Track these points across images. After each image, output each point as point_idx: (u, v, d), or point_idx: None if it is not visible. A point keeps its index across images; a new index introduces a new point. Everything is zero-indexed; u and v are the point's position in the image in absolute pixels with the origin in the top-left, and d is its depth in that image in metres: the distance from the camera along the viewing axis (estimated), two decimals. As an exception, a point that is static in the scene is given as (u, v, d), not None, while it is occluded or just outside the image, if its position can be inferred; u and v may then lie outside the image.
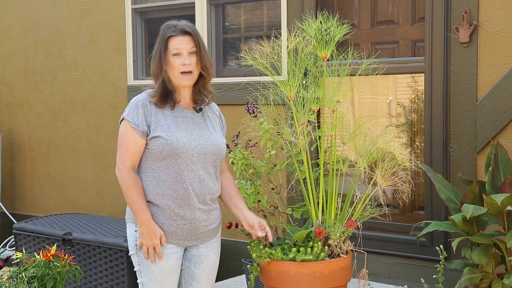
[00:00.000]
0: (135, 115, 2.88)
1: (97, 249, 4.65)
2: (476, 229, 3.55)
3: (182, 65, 2.87)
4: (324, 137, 3.44)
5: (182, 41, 2.89)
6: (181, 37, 2.89)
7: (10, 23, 6.41)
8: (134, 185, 2.86)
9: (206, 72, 2.94)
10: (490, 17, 3.90)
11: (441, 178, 3.74)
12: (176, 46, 2.88)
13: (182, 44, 2.88)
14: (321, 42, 3.35)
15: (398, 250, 4.28)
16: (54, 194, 6.23)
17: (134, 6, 5.57)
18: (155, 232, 2.86)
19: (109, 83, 5.74)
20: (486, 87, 3.93)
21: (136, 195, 2.86)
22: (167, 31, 2.92)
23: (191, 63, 2.88)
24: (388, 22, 4.49)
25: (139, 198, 2.86)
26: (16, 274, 3.45)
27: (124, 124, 2.90)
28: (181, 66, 2.88)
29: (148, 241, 2.86)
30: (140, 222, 2.86)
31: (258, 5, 5.10)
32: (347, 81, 3.64)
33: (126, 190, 2.87)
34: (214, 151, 2.94)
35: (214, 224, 3.01)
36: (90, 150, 5.93)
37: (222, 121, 3.11)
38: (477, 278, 3.44)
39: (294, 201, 4.09)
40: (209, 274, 3.04)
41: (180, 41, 2.88)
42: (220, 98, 4.75)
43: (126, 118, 2.89)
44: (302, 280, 3.18)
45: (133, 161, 2.89)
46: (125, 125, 2.90)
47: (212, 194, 2.95)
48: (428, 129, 4.12)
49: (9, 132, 6.52)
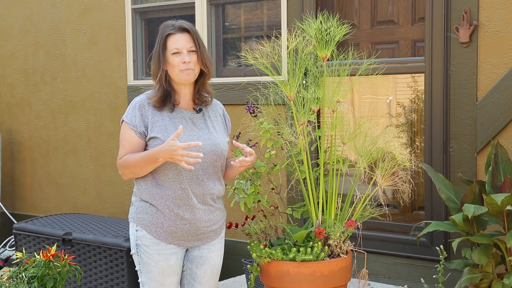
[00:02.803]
0: (133, 116, 2.89)
1: (97, 249, 4.65)
2: (476, 229, 3.55)
3: (182, 63, 2.87)
4: (324, 137, 3.44)
5: (181, 39, 2.88)
6: (179, 35, 2.89)
7: (10, 23, 6.41)
8: (129, 158, 2.87)
9: (206, 69, 2.93)
10: (490, 17, 3.90)
11: (441, 178, 3.74)
12: (175, 44, 2.88)
13: (181, 42, 2.88)
14: (321, 42, 3.35)
15: (398, 250, 4.28)
16: (54, 194, 6.23)
17: (134, 6, 5.57)
18: (165, 148, 2.75)
19: (109, 83, 5.74)
20: (486, 87, 3.93)
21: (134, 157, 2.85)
22: (165, 29, 2.92)
23: (190, 60, 2.87)
24: (388, 22, 4.49)
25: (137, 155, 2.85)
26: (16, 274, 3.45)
27: (123, 125, 2.93)
28: (180, 64, 2.87)
29: (170, 154, 2.75)
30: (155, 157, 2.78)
31: (258, 5, 5.10)
32: (347, 81, 3.64)
33: (127, 165, 2.88)
34: (214, 151, 2.93)
35: (217, 225, 3.00)
36: (90, 150, 5.93)
37: (225, 120, 3.11)
38: (477, 278, 3.44)
39: (294, 201, 4.09)
40: (211, 275, 3.04)
41: (179, 39, 2.88)
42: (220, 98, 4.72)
43: (125, 120, 2.92)
44: (302, 280, 3.18)
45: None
46: (124, 126, 2.93)
47: (212, 194, 2.94)
48: (428, 129, 4.12)
49: (9, 132, 6.52)
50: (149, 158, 2.81)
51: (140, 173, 2.88)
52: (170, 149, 2.73)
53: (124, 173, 2.93)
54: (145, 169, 2.86)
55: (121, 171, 2.93)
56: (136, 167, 2.86)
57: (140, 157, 2.84)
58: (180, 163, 2.73)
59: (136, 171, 2.88)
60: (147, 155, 2.82)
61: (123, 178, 2.97)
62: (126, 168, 2.89)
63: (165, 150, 2.75)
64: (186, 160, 2.72)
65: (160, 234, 2.89)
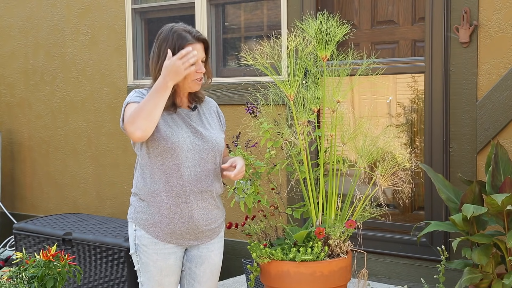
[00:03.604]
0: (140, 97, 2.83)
1: (97, 249, 4.65)
2: (476, 229, 3.55)
3: (197, 73, 2.87)
4: (324, 137, 3.44)
5: (198, 50, 2.86)
6: (197, 45, 2.87)
7: (10, 23, 6.41)
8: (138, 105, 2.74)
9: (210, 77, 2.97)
10: (490, 17, 3.90)
11: (441, 178, 3.74)
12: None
13: (199, 52, 2.86)
14: (321, 42, 3.35)
15: (398, 250, 4.28)
16: (54, 194, 6.23)
17: (134, 6, 5.57)
18: (166, 69, 2.70)
19: (109, 83, 5.74)
20: (486, 87, 3.93)
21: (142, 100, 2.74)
22: (183, 38, 2.85)
23: (204, 70, 2.90)
24: (388, 22, 4.49)
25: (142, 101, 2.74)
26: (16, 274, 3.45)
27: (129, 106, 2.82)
28: (195, 74, 2.87)
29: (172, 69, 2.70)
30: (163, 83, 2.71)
31: (258, 5, 5.10)
32: (347, 81, 3.64)
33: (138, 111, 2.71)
34: (211, 147, 2.93)
35: (215, 224, 3.00)
36: (90, 150, 5.93)
37: (219, 116, 3.10)
38: (477, 278, 3.44)
39: (294, 201, 4.09)
40: (210, 275, 3.03)
41: (197, 50, 2.85)
42: (220, 98, 4.75)
43: (130, 101, 2.83)
44: (302, 280, 3.19)
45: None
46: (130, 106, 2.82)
47: (210, 191, 2.94)
48: (428, 129, 4.12)
49: (9, 132, 6.52)
50: (158, 88, 2.70)
51: (154, 114, 2.70)
52: (170, 64, 2.69)
53: (137, 126, 2.69)
54: (159, 104, 2.70)
55: (133, 126, 2.70)
56: (148, 106, 2.70)
57: (149, 94, 2.72)
58: (187, 71, 2.71)
59: (150, 111, 2.69)
60: (154, 87, 2.72)
61: (135, 135, 2.71)
62: (137, 116, 2.70)
63: (166, 70, 2.70)
64: (188, 63, 2.70)
65: (158, 234, 2.89)
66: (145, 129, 2.71)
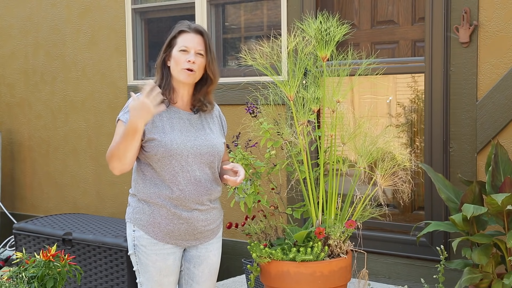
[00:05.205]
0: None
1: (97, 249, 4.65)
2: (476, 229, 3.55)
3: (187, 62, 2.85)
4: (324, 137, 3.44)
5: (192, 39, 2.87)
6: (192, 34, 2.88)
7: (10, 23, 6.41)
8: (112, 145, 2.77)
9: (213, 75, 2.91)
10: (490, 17, 3.90)
11: (441, 178, 3.74)
12: (185, 42, 2.87)
13: (192, 42, 2.87)
14: (321, 42, 3.35)
15: (398, 250, 4.28)
16: (54, 194, 6.23)
17: (134, 6, 5.57)
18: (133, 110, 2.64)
19: (109, 83, 5.74)
20: (486, 87, 3.93)
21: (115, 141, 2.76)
22: (180, 26, 2.92)
23: (195, 62, 2.86)
24: (388, 22, 4.49)
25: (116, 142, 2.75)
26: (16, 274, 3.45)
27: (119, 124, 2.87)
28: (185, 63, 2.85)
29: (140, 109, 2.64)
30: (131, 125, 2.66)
31: (258, 5, 5.10)
32: (347, 81, 3.64)
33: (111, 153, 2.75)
34: (211, 152, 2.92)
35: (213, 224, 3.00)
36: (90, 150, 5.93)
37: (221, 121, 3.09)
38: (477, 278, 3.44)
39: (294, 201, 4.09)
40: (209, 275, 3.03)
41: (190, 39, 2.87)
42: (220, 98, 4.75)
43: (121, 118, 2.87)
44: (302, 280, 3.19)
45: None
46: (120, 125, 2.86)
47: (209, 195, 2.94)
48: (428, 129, 4.12)
49: (9, 132, 6.52)
50: (128, 130, 2.68)
51: (126, 157, 2.73)
52: (135, 104, 2.63)
53: (113, 166, 2.78)
54: (129, 147, 2.71)
55: (110, 165, 2.79)
56: (120, 149, 2.72)
57: (121, 136, 2.72)
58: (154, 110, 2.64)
59: (121, 155, 2.72)
60: (124, 129, 2.71)
61: (114, 172, 2.81)
62: (112, 156, 2.75)
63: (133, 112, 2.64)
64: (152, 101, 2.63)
65: (157, 234, 2.89)
66: (121, 169, 2.79)
